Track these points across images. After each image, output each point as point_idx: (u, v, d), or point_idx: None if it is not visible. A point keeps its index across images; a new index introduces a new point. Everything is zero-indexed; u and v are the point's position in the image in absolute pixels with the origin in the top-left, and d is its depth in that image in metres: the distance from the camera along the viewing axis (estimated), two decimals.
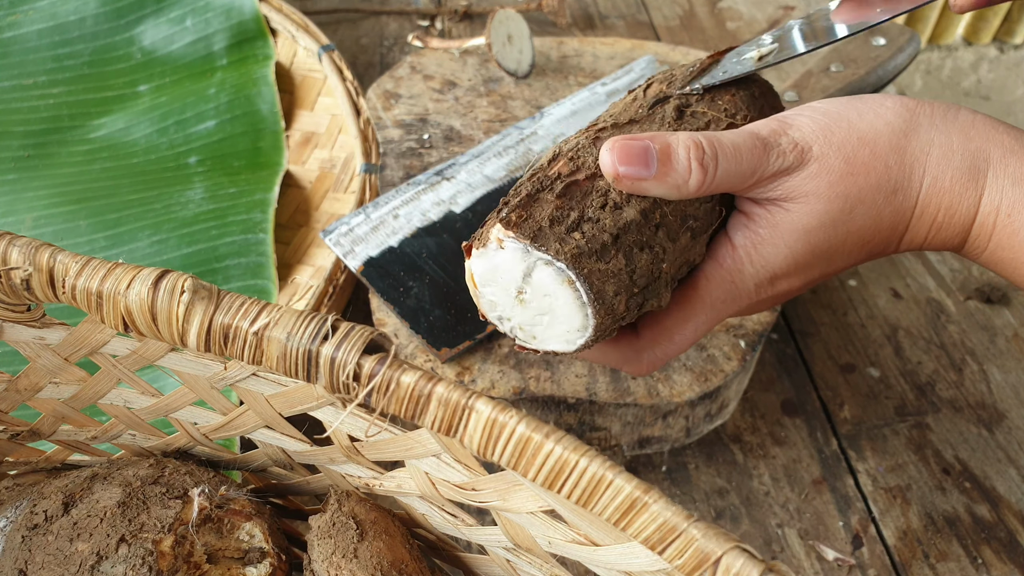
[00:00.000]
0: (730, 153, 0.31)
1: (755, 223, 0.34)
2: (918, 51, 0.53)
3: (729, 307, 0.35)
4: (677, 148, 0.31)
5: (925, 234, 0.34)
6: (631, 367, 0.35)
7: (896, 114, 0.33)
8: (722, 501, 0.50)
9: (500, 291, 0.31)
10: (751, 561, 0.20)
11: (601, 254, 0.30)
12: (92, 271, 0.25)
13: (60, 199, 0.61)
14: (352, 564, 0.31)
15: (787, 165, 0.32)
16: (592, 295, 0.30)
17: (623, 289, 0.30)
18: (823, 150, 0.32)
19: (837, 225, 0.33)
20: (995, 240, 0.33)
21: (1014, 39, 1.88)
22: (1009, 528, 0.49)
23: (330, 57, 0.67)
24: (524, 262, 0.30)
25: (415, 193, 0.54)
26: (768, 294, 0.35)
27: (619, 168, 0.30)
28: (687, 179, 0.31)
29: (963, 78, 1.90)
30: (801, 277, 0.35)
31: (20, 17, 0.72)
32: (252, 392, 0.32)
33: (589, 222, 0.30)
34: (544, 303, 0.31)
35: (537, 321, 0.32)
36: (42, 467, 0.38)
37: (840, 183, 0.32)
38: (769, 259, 0.34)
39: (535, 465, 0.22)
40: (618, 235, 0.30)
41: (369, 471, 0.34)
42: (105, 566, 0.30)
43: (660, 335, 0.34)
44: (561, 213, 0.30)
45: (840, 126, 0.33)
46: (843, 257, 0.35)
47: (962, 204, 0.33)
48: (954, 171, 0.33)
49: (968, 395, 0.56)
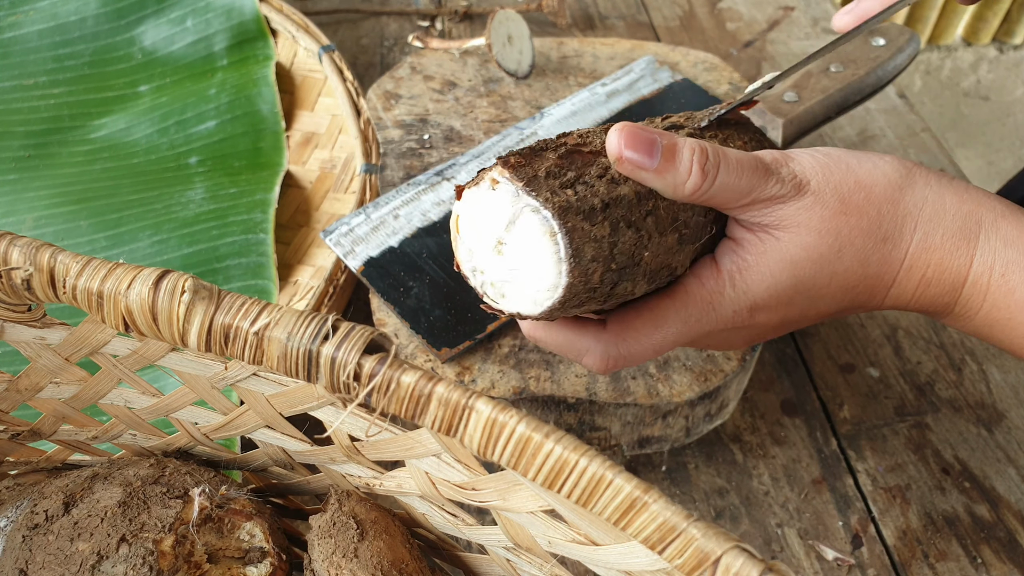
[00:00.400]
0: (733, 167, 0.32)
1: (743, 248, 0.34)
2: (918, 51, 0.53)
3: (702, 327, 0.34)
4: (683, 148, 0.31)
5: (914, 290, 0.34)
6: (590, 359, 0.34)
7: (893, 168, 0.34)
8: (722, 501, 0.50)
9: (481, 239, 0.31)
10: (751, 561, 0.20)
11: (588, 215, 0.30)
12: (93, 271, 0.25)
13: (61, 199, 0.61)
14: (352, 564, 0.31)
15: (784, 193, 0.33)
16: (571, 251, 0.29)
17: (601, 259, 0.30)
18: (820, 186, 0.33)
19: (824, 263, 0.33)
20: (990, 300, 0.33)
21: (1013, 39, 1.88)
22: (1008, 528, 0.49)
23: (330, 57, 0.67)
24: (512, 207, 0.30)
25: (415, 193, 0.54)
26: (744, 323, 0.35)
27: (623, 151, 0.31)
28: (685, 179, 0.31)
29: (962, 78, 1.90)
30: (780, 312, 0.35)
31: (21, 17, 0.72)
32: (253, 392, 0.32)
33: (584, 185, 0.30)
34: (521, 256, 0.30)
35: (510, 276, 0.31)
36: (43, 467, 0.39)
37: (832, 220, 0.33)
38: (752, 286, 0.34)
39: (535, 465, 0.22)
40: (608, 204, 0.30)
41: (369, 471, 0.35)
42: (106, 566, 0.30)
43: (627, 333, 0.34)
44: (559, 170, 0.30)
45: (839, 167, 0.33)
46: (826, 300, 0.35)
47: (953, 263, 0.33)
48: (945, 229, 0.33)
49: (967, 395, 0.56)
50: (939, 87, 1.90)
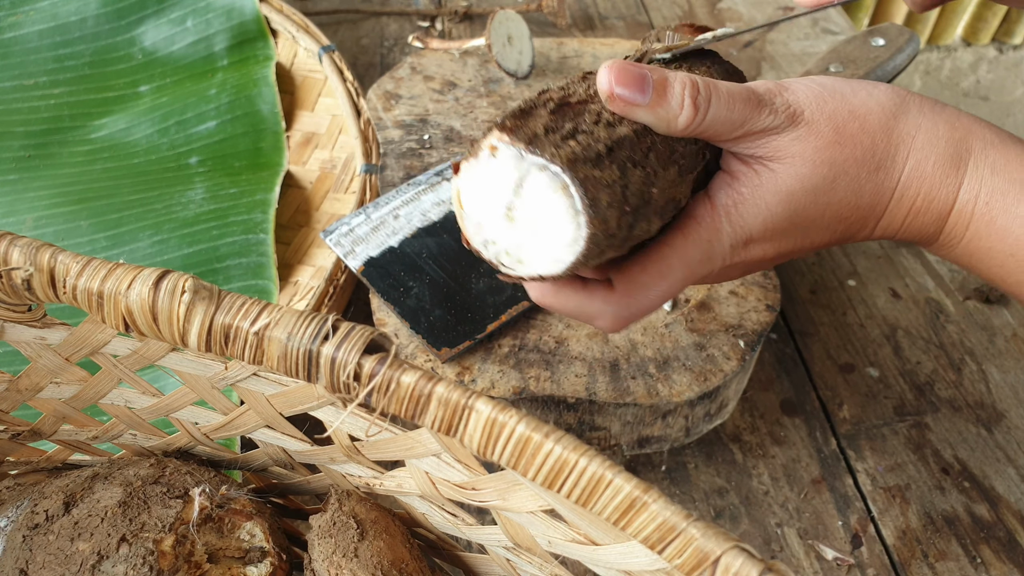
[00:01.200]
0: (724, 99, 0.32)
1: (738, 181, 0.34)
2: (917, 51, 0.53)
3: (704, 267, 0.34)
4: (674, 82, 0.31)
5: (902, 219, 0.34)
6: (603, 321, 0.35)
7: (887, 96, 0.34)
8: (721, 501, 0.50)
9: (488, 209, 0.31)
10: (750, 560, 0.20)
11: (596, 162, 0.29)
12: (93, 271, 0.25)
13: (61, 199, 0.61)
14: (352, 563, 0.31)
15: (777, 123, 0.32)
16: (587, 200, 0.29)
17: (616, 203, 0.30)
18: (814, 116, 0.33)
19: (819, 192, 0.33)
20: (972, 229, 0.33)
21: (1013, 39, 1.88)
22: (1008, 527, 0.49)
23: (331, 58, 0.67)
24: (517, 170, 0.29)
25: (415, 193, 0.54)
26: (741, 258, 0.35)
27: (615, 88, 0.30)
28: (678, 114, 0.31)
29: (962, 78, 1.90)
30: (776, 244, 0.35)
31: (21, 18, 0.72)
32: (253, 392, 0.32)
33: (583, 133, 0.30)
34: (534, 217, 0.30)
35: (525, 240, 0.31)
36: (43, 467, 0.39)
37: (827, 150, 0.33)
38: (748, 219, 0.34)
39: (535, 465, 0.22)
40: (612, 148, 0.30)
41: (369, 471, 0.35)
42: (106, 566, 0.31)
43: (635, 289, 0.34)
44: (555, 124, 0.30)
45: (834, 97, 0.33)
46: (819, 230, 0.35)
47: (941, 191, 0.33)
48: (937, 156, 0.33)
49: (967, 395, 0.56)
50: (939, 87, 1.90)
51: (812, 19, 0.83)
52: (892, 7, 1.78)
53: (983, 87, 1.90)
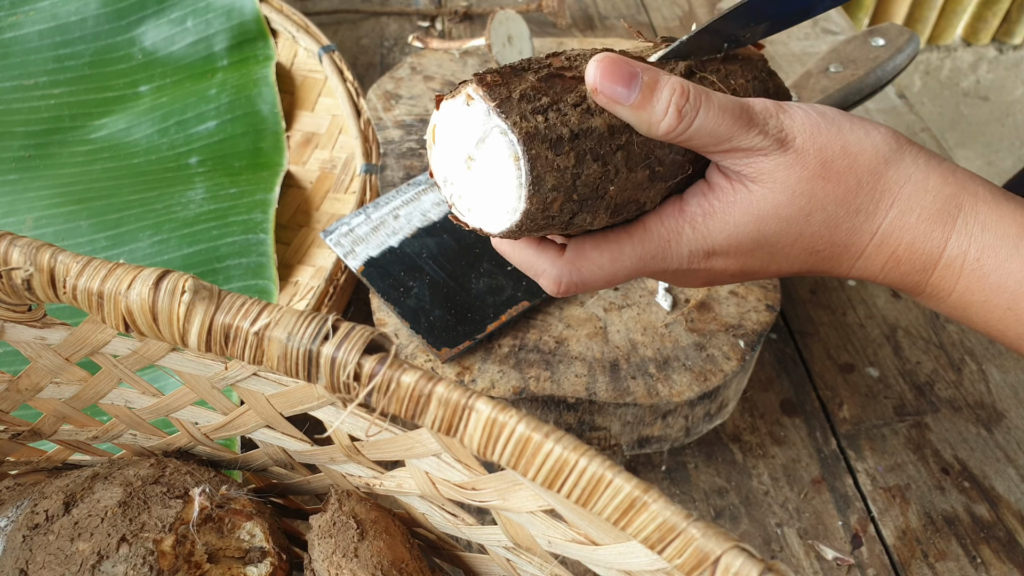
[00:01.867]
0: (713, 112, 0.31)
1: (713, 193, 0.34)
2: (917, 52, 0.53)
3: (657, 263, 0.34)
4: (663, 87, 0.31)
5: (882, 264, 0.34)
6: (546, 279, 0.35)
7: (884, 139, 0.33)
8: (721, 500, 0.50)
9: (453, 151, 0.32)
10: (750, 560, 0.20)
11: (555, 144, 0.30)
12: (93, 271, 0.25)
13: (61, 199, 0.61)
14: (352, 563, 0.31)
15: (764, 145, 0.32)
16: (531, 179, 0.29)
17: (562, 188, 0.30)
18: (804, 144, 0.32)
19: (791, 223, 0.33)
20: (963, 283, 0.33)
21: (1013, 39, 1.88)
22: (1008, 527, 0.49)
23: (331, 58, 0.67)
24: (483, 125, 0.30)
25: (415, 193, 0.54)
26: (700, 267, 0.35)
27: (599, 83, 0.30)
28: (660, 119, 0.31)
29: (962, 78, 1.90)
30: (738, 261, 0.35)
31: (21, 18, 0.72)
32: (253, 392, 0.32)
33: (556, 112, 0.30)
34: (487, 174, 0.31)
35: (476, 192, 0.32)
36: (43, 467, 0.39)
37: (809, 182, 0.32)
38: (712, 232, 0.34)
39: (535, 465, 0.22)
40: (577, 135, 0.30)
41: (369, 471, 0.35)
42: (106, 566, 0.31)
43: (582, 262, 0.34)
44: (534, 94, 0.30)
45: (829, 130, 0.33)
46: (787, 258, 0.35)
47: (926, 244, 0.33)
48: (923, 210, 0.33)
49: (967, 395, 0.56)
50: (939, 87, 1.90)
51: (812, 19, 0.83)
52: (892, 7, 1.78)
53: (983, 87, 1.90)
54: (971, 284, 0.33)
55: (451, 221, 0.52)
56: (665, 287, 0.50)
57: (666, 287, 0.50)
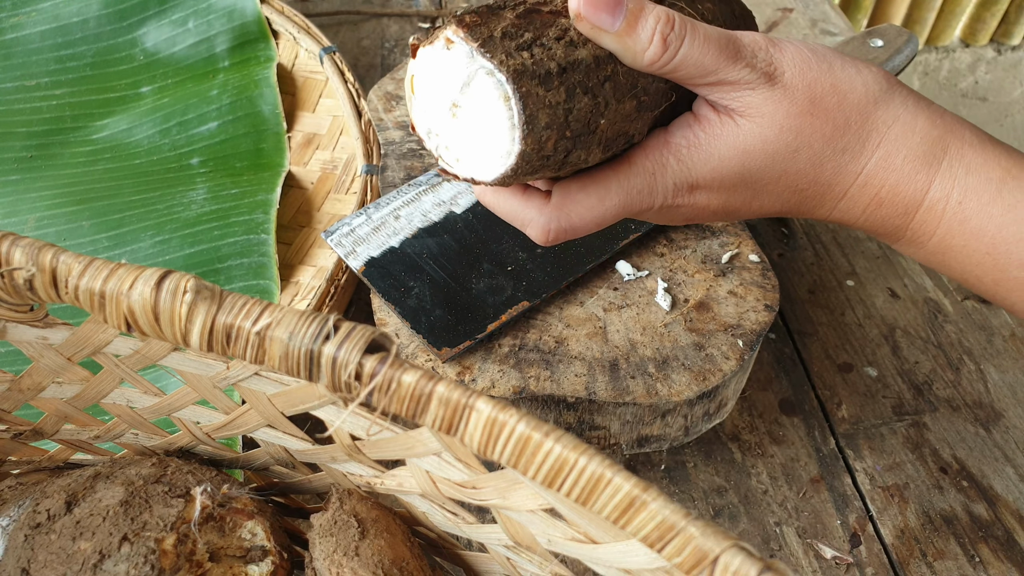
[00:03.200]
0: (699, 42, 0.31)
1: (699, 125, 0.33)
2: (915, 52, 0.53)
3: (644, 199, 0.34)
4: (648, 15, 0.30)
5: (865, 206, 0.34)
6: (534, 229, 0.34)
7: (875, 80, 0.33)
8: (720, 500, 0.50)
9: (435, 100, 0.31)
10: (749, 559, 0.20)
11: (544, 80, 0.29)
12: (95, 271, 0.25)
13: (63, 200, 0.61)
14: (353, 562, 0.31)
15: (751, 79, 0.31)
16: (524, 117, 0.28)
17: (555, 125, 0.29)
18: (793, 80, 0.32)
19: (777, 158, 0.33)
20: (944, 227, 0.33)
21: (1011, 40, 1.88)
22: (1006, 527, 0.49)
23: (332, 59, 0.67)
24: (466, 69, 0.29)
25: (416, 194, 0.54)
26: (684, 201, 0.34)
27: (583, 8, 0.29)
28: (645, 48, 0.30)
29: (960, 79, 1.90)
30: (722, 196, 0.34)
31: (23, 18, 0.72)
32: (254, 391, 0.32)
33: (541, 47, 0.29)
34: (475, 119, 0.30)
35: (464, 140, 0.30)
36: (45, 466, 0.39)
37: (797, 118, 0.32)
38: (697, 164, 0.33)
39: (535, 463, 0.22)
40: (565, 68, 0.29)
41: (370, 469, 0.35)
42: (108, 565, 0.31)
43: (569, 206, 0.33)
44: (516, 31, 0.29)
45: (820, 66, 0.32)
46: (771, 195, 0.34)
47: (910, 186, 0.33)
48: (908, 151, 0.32)
49: (965, 394, 0.56)
50: (937, 88, 1.90)
51: (811, 20, 0.83)
52: (890, 8, 1.78)
53: (981, 88, 1.90)
54: (952, 228, 0.32)
55: (452, 222, 0.53)
56: (664, 287, 0.50)
57: (665, 287, 0.50)
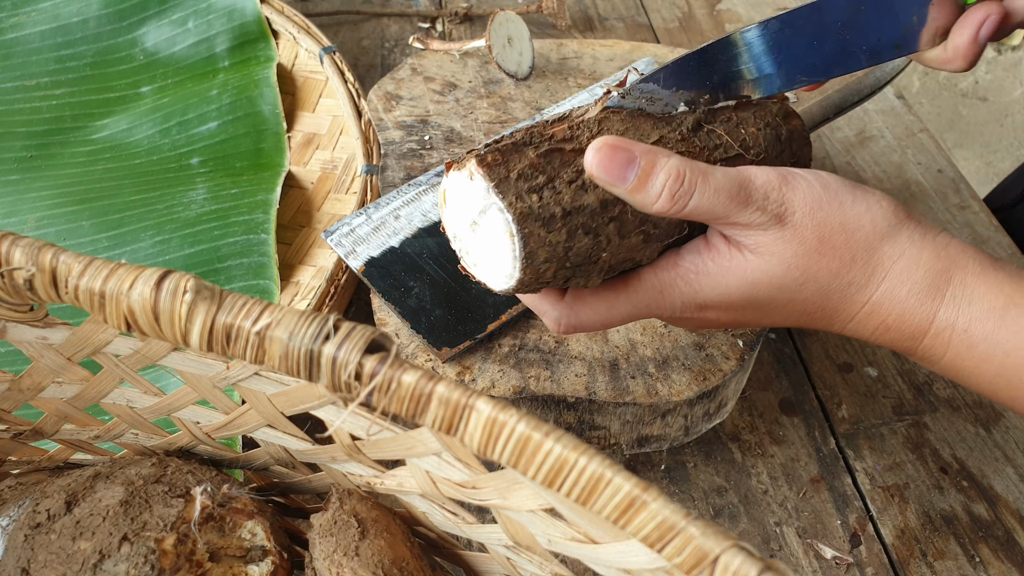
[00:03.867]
0: (708, 193, 0.33)
1: (709, 254, 0.35)
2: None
3: (651, 311, 0.37)
4: (658, 172, 0.32)
5: (872, 330, 0.35)
6: (548, 320, 0.38)
7: (884, 215, 0.34)
8: (721, 499, 0.50)
9: (460, 214, 0.35)
10: (749, 559, 0.20)
11: (547, 223, 0.32)
12: (95, 271, 0.25)
13: (63, 200, 0.61)
14: (353, 562, 0.31)
15: (762, 221, 0.33)
16: (524, 253, 0.32)
17: (555, 260, 0.33)
18: (803, 221, 0.34)
19: (783, 291, 0.35)
20: (952, 351, 0.34)
21: (1012, 40, 1.88)
22: (1006, 527, 0.49)
23: (331, 59, 0.67)
24: (484, 199, 0.33)
25: (416, 194, 0.54)
26: (693, 316, 0.37)
27: (596, 171, 0.32)
28: (653, 203, 0.32)
29: (960, 79, 1.90)
30: (731, 315, 0.37)
31: (23, 18, 0.72)
32: (254, 391, 0.32)
33: (551, 191, 0.33)
34: (488, 240, 0.34)
35: (480, 252, 0.35)
36: (45, 466, 0.39)
37: (804, 257, 0.34)
38: (704, 289, 0.35)
39: (535, 463, 0.22)
40: (570, 213, 0.33)
41: (370, 470, 0.35)
42: (107, 564, 0.31)
43: (580, 307, 0.37)
44: (532, 172, 0.32)
45: (831, 205, 0.34)
46: (780, 315, 0.36)
47: (915, 316, 0.34)
48: (913, 284, 0.34)
49: (965, 394, 0.56)
50: (937, 88, 1.90)
51: None
52: None
53: (981, 88, 1.90)
54: (960, 352, 0.34)
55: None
56: None
57: None
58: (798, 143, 0.39)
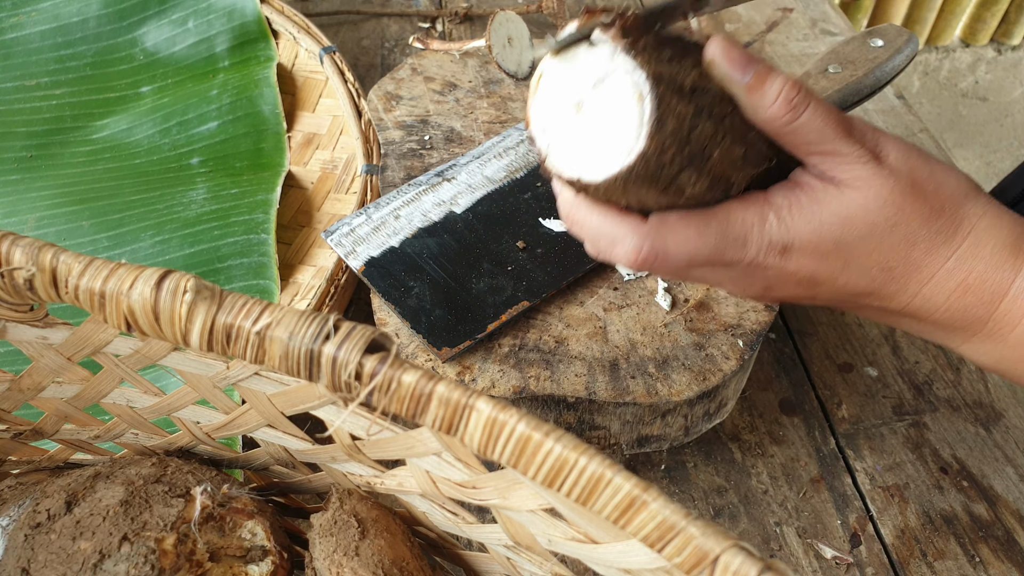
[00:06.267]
0: (821, 111, 0.32)
1: (801, 189, 0.34)
2: (916, 52, 0.53)
3: (737, 249, 0.34)
4: (775, 79, 0.31)
5: (950, 291, 0.34)
6: (623, 248, 0.34)
7: (966, 179, 0.35)
8: (721, 499, 0.50)
9: (561, 97, 0.32)
10: (749, 559, 0.20)
11: (679, 91, 0.30)
12: (95, 271, 0.25)
13: (63, 200, 0.61)
14: (353, 562, 0.31)
15: (861, 154, 0.33)
16: (655, 116, 0.30)
17: (679, 134, 0.31)
18: (898, 161, 0.33)
19: (875, 229, 0.33)
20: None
21: (1011, 40, 1.88)
22: (1006, 527, 0.49)
23: (331, 59, 0.67)
24: (605, 66, 0.31)
25: (416, 194, 0.54)
26: (774, 263, 0.35)
27: (717, 59, 0.31)
28: (770, 104, 0.32)
29: (961, 79, 1.90)
30: (812, 262, 0.34)
31: (23, 18, 0.72)
32: (254, 391, 0.32)
33: (679, 65, 0.31)
34: (600, 117, 0.31)
35: (585, 135, 0.32)
36: (45, 466, 0.39)
37: (900, 195, 0.33)
38: (797, 224, 0.34)
39: (535, 463, 0.22)
40: (697, 90, 0.31)
41: (370, 469, 0.35)
42: (108, 564, 0.31)
43: (668, 229, 0.34)
44: (661, 44, 0.31)
45: (921, 156, 0.34)
46: (859, 269, 0.34)
47: (996, 274, 0.34)
48: (997, 241, 0.34)
49: (965, 394, 0.56)
50: (937, 88, 1.90)
51: (811, 20, 0.83)
52: (890, 8, 1.78)
53: (982, 88, 1.90)
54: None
55: (451, 221, 0.53)
56: (664, 287, 0.50)
57: (665, 287, 0.50)
58: None
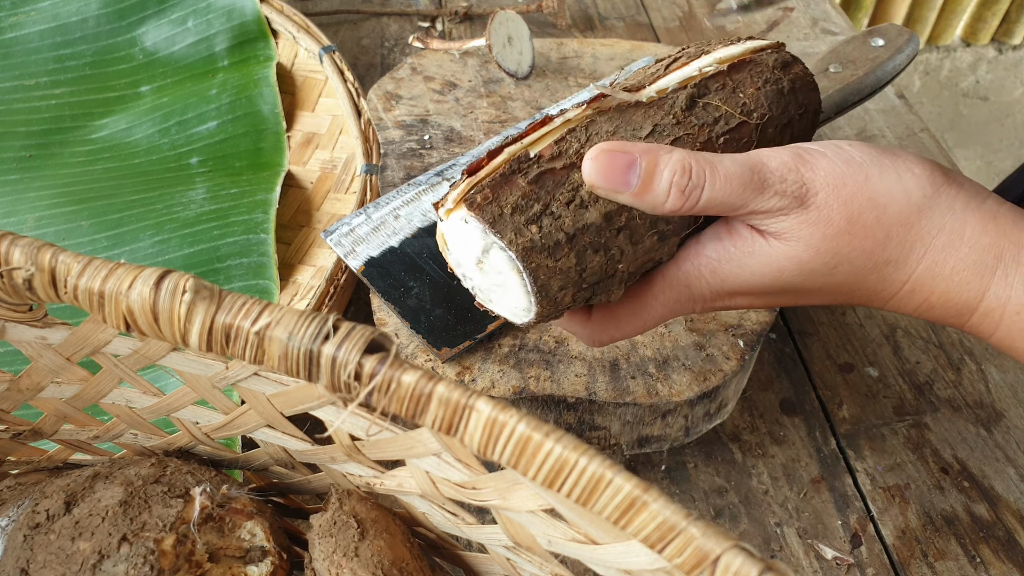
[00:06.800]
0: (720, 183, 0.30)
1: (731, 240, 0.33)
2: (916, 52, 0.53)
3: (682, 307, 0.35)
4: (662, 171, 0.30)
5: (915, 307, 0.33)
6: (581, 339, 0.37)
7: (918, 185, 0.31)
8: (721, 500, 0.50)
9: (464, 255, 0.34)
10: (750, 560, 0.20)
11: (553, 251, 0.31)
12: (94, 271, 0.25)
13: (62, 199, 0.61)
14: (353, 563, 0.31)
15: (782, 205, 0.31)
16: (536, 287, 0.31)
17: (570, 284, 0.32)
18: (827, 200, 0.31)
19: (815, 275, 0.32)
20: (1002, 331, 0.32)
21: (1012, 40, 1.88)
22: (1007, 527, 0.49)
23: (331, 58, 0.67)
24: (483, 240, 0.32)
25: (416, 194, 0.54)
26: (724, 304, 0.35)
27: (596, 181, 0.30)
28: (663, 202, 0.30)
29: (961, 79, 1.90)
30: (762, 299, 0.35)
31: (22, 18, 0.72)
32: (253, 391, 0.32)
33: (550, 216, 0.31)
34: (499, 278, 0.33)
35: (492, 289, 0.34)
36: (44, 466, 0.39)
37: (834, 239, 0.31)
38: (730, 277, 0.33)
39: (535, 464, 0.22)
40: (574, 235, 0.31)
41: (370, 470, 0.35)
42: (107, 565, 0.31)
43: (609, 322, 0.35)
44: (526, 202, 0.30)
45: (856, 180, 0.31)
46: (815, 298, 0.34)
47: (961, 294, 0.32)
48: (957, 261, 0.31)
49: (966, 395, 0.56)
50: (938, 87, 1.90)
51: (812, 19, 0.83)
52: (891, 7, 1.78)
53: (982, 87, 1.90)
54: (1011, 332, 0.31)
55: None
56: None
57: None
58: (803, 91, 0.36)
